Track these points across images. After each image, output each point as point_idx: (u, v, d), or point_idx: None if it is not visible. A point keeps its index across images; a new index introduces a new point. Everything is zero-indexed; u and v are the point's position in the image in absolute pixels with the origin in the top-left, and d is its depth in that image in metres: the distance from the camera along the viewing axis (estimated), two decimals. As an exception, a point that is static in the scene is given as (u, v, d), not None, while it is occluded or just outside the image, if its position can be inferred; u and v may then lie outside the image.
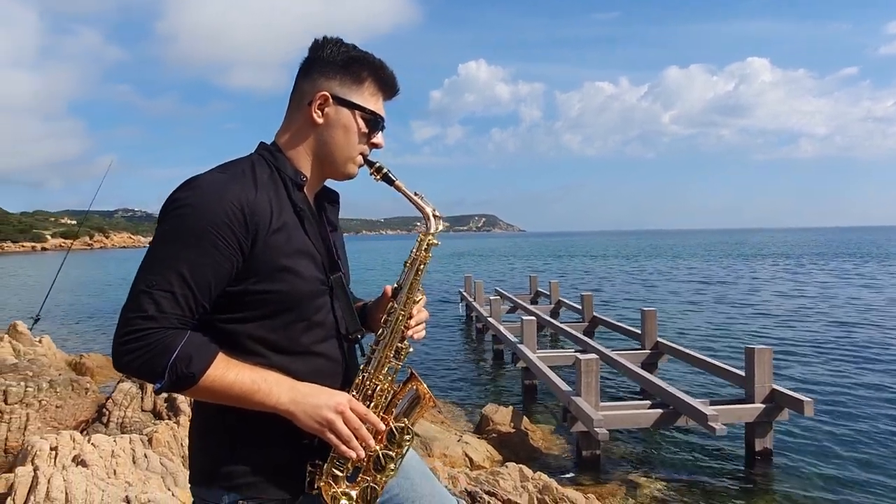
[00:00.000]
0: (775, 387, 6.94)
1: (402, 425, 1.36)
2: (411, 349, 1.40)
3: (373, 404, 1.34)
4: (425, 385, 1.38)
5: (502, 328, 11.92)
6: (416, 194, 1.43)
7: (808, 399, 6.52)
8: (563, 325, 12.46)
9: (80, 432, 5.87)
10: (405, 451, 1.37)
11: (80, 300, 26.18)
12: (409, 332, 1.40)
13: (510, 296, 17.43)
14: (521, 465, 5.00)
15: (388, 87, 1.40)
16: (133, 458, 4.43)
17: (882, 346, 13.05)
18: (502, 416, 7.77)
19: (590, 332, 12.90)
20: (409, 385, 1.38)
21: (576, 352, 9.45)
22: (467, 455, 6.60)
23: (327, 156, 1.37)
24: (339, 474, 1.30)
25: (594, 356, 7.07)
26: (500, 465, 5.40)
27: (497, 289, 19.27)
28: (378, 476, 1.34)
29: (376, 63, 1.37)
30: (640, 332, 10.63)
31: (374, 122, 1.37)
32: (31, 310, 12.66)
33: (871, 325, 15.88)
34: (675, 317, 18.20)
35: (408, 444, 1.37)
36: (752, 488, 6.36)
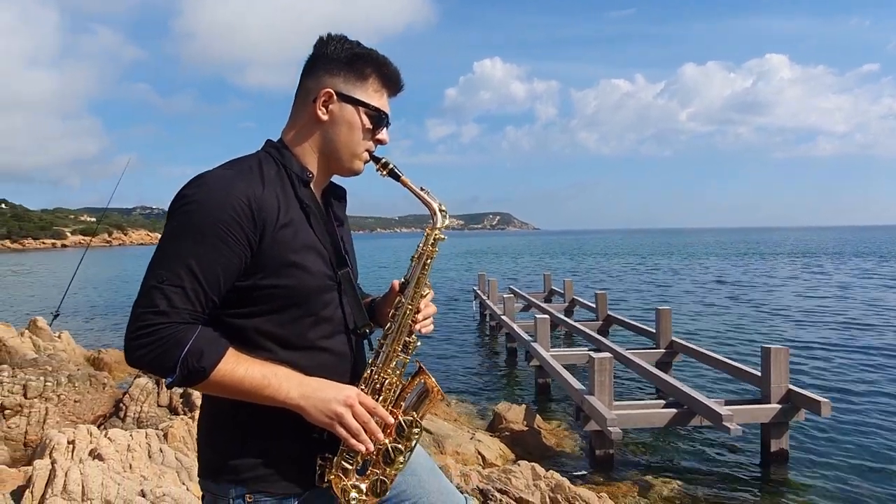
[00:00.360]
0: (792, 387, 6.85)
1: (411, 419, 1.37)
2: (419, 343, 1.41)
3: (381, 398, 1.36)
4: (433, 379, 1.39)
5: (516, 326, 11.88)
6: (422, 189, 1.45)
7: (825, 400, 6.42)
8: (576, 324, 12.39)
9: (98, 427, 5.95)
10: (414, 444, 1.38)
11: (98, 296, 26.51)
12: (417, 326, 1.41)
13: (524, 294, 17.37)
14: (533, 464, 4.98)
15: (391, 83, 1.41)
16: (149, 452, 4.49)
17: (901, 347, 12.86)
18: (515, 415, 7.76)
19: (604, 331, 12.81)
20: (418, 379, 1.39)
21: (589, 350, 9.41)
22: (480, 453, 6.60)
23: (333, 152, 1.38)
24: (349, 467, 1.31)
25: (608, 355, 7.03)
26: (513, 464, 5.39)
27: (511, 287, 19.22)
28: (387, 469, 1.35)
29: (380, 60, 1.38)
30: (654, 330, 10.54)
31: (378, 118, 1.38)
32: (51, 306, 12.86)
33: (890, 326, 15.63)
34: (691, 316, 18.05)
35: (416, 437, 1.38)
36: (768, 489, 6.29)
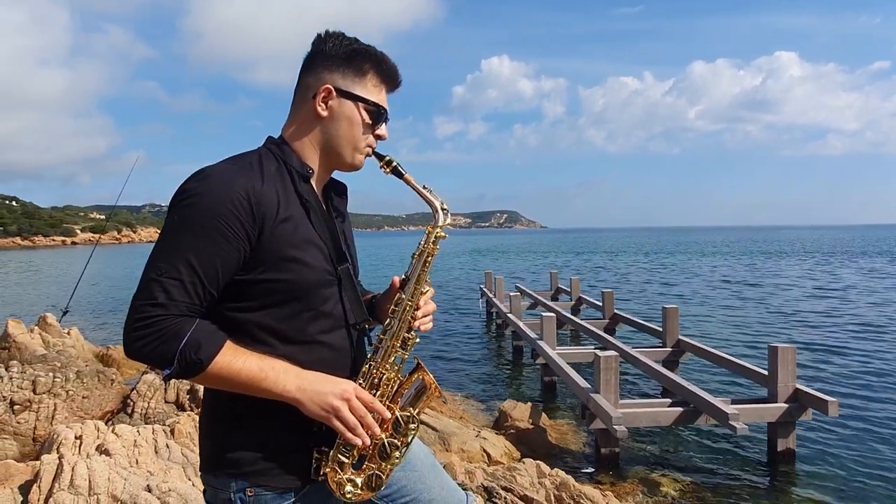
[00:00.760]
0: (799, 386, 6.81)
1: (408, 414, 1.37)
2: (418, 340, 1.41)
3: (379, 393, 1.36)
4: (431, 375, 1.39)
5: (522, 324, 11.86)
6: (424, 187, 1.46)
7: (832, 399, 6.38)
8: (583, 322, 12.37)
9: (106, 422, 6.00)
10: (410, 440, 1.39)
11: (107, 293, 26.65)
12: (416, 323, 1.42)
13: (530, 292, 17.35)
14: (538, 462, 4.98)
15: (390, 78, 1.42)
16: (155, 448, 4.52)
17: (911, 347, 12.75)
18: (521, 412, 7.75)
19: (610, 330, 12.78)
20: (416, 375, 1.40)
21: (595, 349, 9.39)
22: (485, 450, 6.60)
23: (333, 148, 1.39)
24: (345, 461, 1.32)
25: (613, 353, 7.02)
26: (518, 461, 5.39)
27: (517, 285, 19.19)
28: (383, 464, 1.36)
29: (378, 55, 1.39)
30: (661, 329, 10.51)
31: (377, 113, 1.39)
32: (61, 302, 12.94)
33: (900, 325, 15.52)
34: (698, 314, 17.96)
35: (413, 433, 1.38)
36: (774, 488, 6.26)
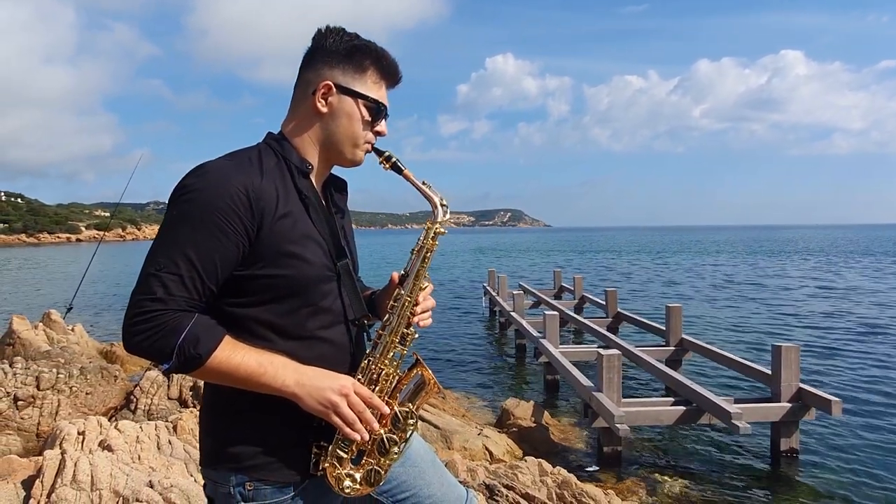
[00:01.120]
0: (802, 386, 6.79)
1: (407, 410, 1.38)
2: (417, 336, 1.41)
3: (377, 388, 1.36)
4: (430, 371, 1.39)
5: (525, 323, 11.85)
6: (423, 183, 1.46)
7: (835, 399, 6.36)
8: (586, 321, 12.35)
9: (109, 419, 6.02)
10: (409, 436, 1.39)
11: (112, 290, 26.72)
12: (415, 319, 1.42)
13: (534, 291, 17.32)
14: (540, 460, 4.97)
15: (390, 75, 1.42)
16: (157, 444, 4.53)
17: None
18: (523, 411, 7.75)
19: (614, 328, 12.77)
20: (415, 371, 1.40)
21: (598, 347, 9.38)
22: (487, 448, 6.60)
23: (333, 144, 1.39)
24: (344, 456, 1.33)
25: (616, 352, 7.00)
26: (520, 460, 5.38)
27: (521, 283, 19.17)
28: (382, 459, 1.36)
29: (378, 52, 1.38)
30: (664, 328, 10.49)
31: (377, 110, 1.39)
32: (65, 299, 13.00)
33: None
34: (701, 314, 17.92)
35: (412, 428, 1.39)
36: (777, 488, 6.24)
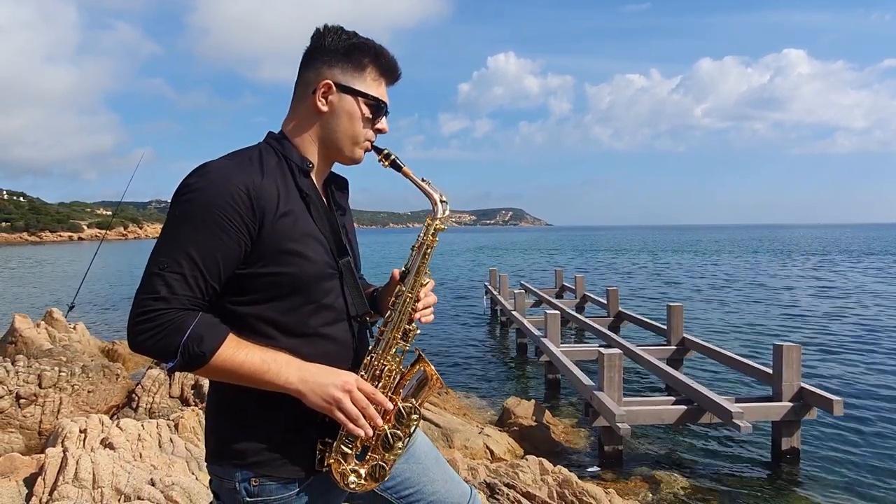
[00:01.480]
0: (804, 385, 6.78)
1: (410, 405, 1.39)
2: (419, 331, 1.42)
3: (381, 384, 1.37)
4: (433, 366, 1.40)
5: (526, 322, 11.85)
6: (423, 180, 1.47)
7: (837, 398, 6.35)
8: (587, 320, 12.35)
9: (111, 417, 6.03)
10: (413, 431, 1.40)
11: (113, 289, 26.77)
12: (417, 315, 1.42)
13: (535, 290, 17.32)
14: (541, 459, 4.97)
15: (389, 72, 1.42)
16: (159, 442, 4.54)
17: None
18: (524, 410, 7.75)
19: (615, 327, 12.76)
20: (417, 366, 1.41)
21: (599, 346, 9.38)
22: (488, 447, 6.60)
23: (333, 142, 1.39)
24: (349, 452, 1.33)
25: (617, 351, 7.00)
26: (521, 458, 5.38)
27: (522, 282, 19.17)
28: (386, 454, 1.37)
29: (377, 49, 1.39)
30: (665, 327, 10.49)
31: (377, 107, 1.39)
32: (67, 297, 13.02)
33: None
34: (703, 313, 17.92)
35: (415, 423, 1.39)
36: (778, 487, 6.24)
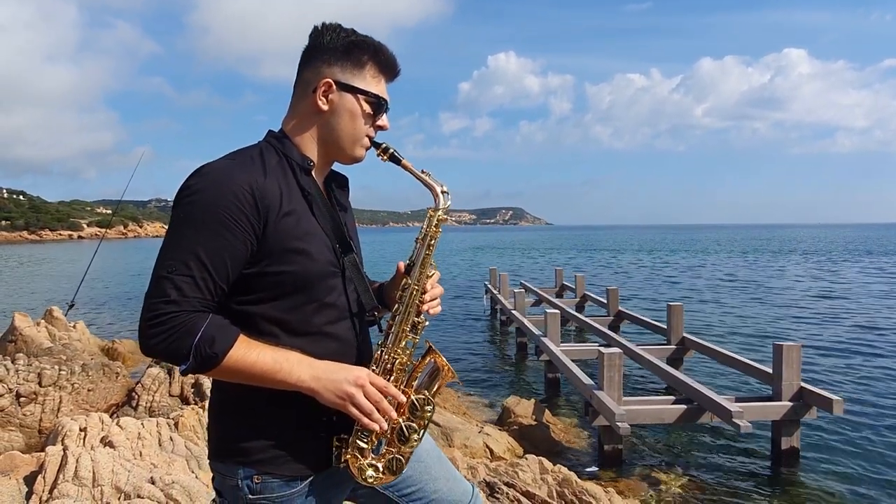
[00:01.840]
0: (804, 385, 6.78)
1: (423, 397, 1.39)
2: (427, 323, 1.42)
3: (393, 378, 1.38)
4: (444, 357, 1.40)
5: (526, 321, 11.85)
6: (423, 172, 1.46)
7: (837, 398, 6.35)
8: (587, 319, 12.35)
9: (110, 415, 6.02)
10: (427, 422, 1.40)
11: (113, 287, 26.77)
12: (424, 307, 1.42)
13: (535, 289, 17.31)
14: (540, 458, 4.97)
15: (388, 69, 1.42)
16: (159, 440, 4.53)
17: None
18: (524, 409, 7.76)
19: (615, 327, 12.77)
20: (428, 358, 1.41)
21: (599, 346, 9.37)
22: (488, 446, 6.60)
23: (334, 141, 1.39)
24: (365, 446, 1.34)
25: (617, 350, 7.00)
26: (521, 458, 5.39)
27: (522, 282, 19.16)
28: (402, 447, 1.38)
29: (376, 46, 1.38)
30: (665, 326, 10.49)
31: (378, 104, 1.39)
32: (67, 296, 13.02)
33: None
34: (703, 312, 17.93)
35: (430, 414, 1.40)
36: (778, 487, 6.24)
